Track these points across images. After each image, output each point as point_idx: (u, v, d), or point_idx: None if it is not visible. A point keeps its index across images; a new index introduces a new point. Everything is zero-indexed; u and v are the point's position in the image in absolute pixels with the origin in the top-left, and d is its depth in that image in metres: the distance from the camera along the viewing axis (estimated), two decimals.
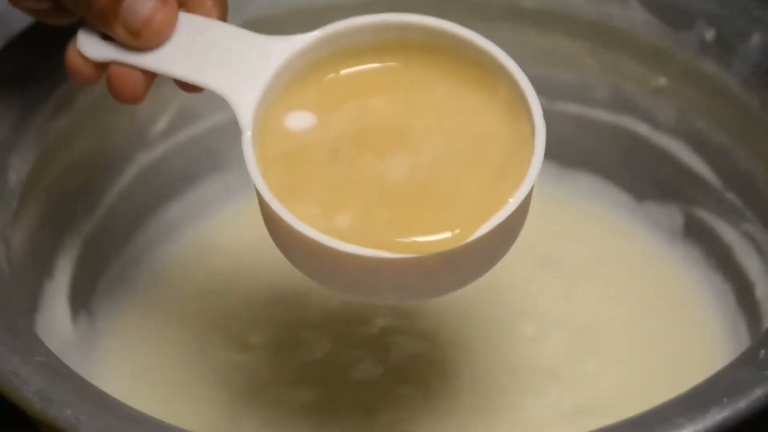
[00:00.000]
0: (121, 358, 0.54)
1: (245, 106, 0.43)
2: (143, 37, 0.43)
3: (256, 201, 0.42)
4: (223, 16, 0.45)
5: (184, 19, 0.44)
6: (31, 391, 0.42)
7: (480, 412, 0.51)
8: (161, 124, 0.59)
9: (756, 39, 0.54)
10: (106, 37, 0.45)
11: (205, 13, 0.45)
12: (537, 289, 0.56)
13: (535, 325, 0.55)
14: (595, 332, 0.54)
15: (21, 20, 0.60)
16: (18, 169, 0.51)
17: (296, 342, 0.55)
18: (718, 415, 0.40)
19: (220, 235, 0.59)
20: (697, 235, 0.57)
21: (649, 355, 0.53)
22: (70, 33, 0.55)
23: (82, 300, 0.55)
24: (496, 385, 0.52)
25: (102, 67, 0.45)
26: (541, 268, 0.57)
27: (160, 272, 0.58)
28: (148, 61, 0.44)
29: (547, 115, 0.61)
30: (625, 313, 0.55)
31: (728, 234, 0.56)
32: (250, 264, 0.58)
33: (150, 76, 0.45)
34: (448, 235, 0.40)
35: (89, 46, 0.45)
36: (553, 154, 0.61)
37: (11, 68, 0.53)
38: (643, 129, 0.59)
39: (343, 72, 0.44)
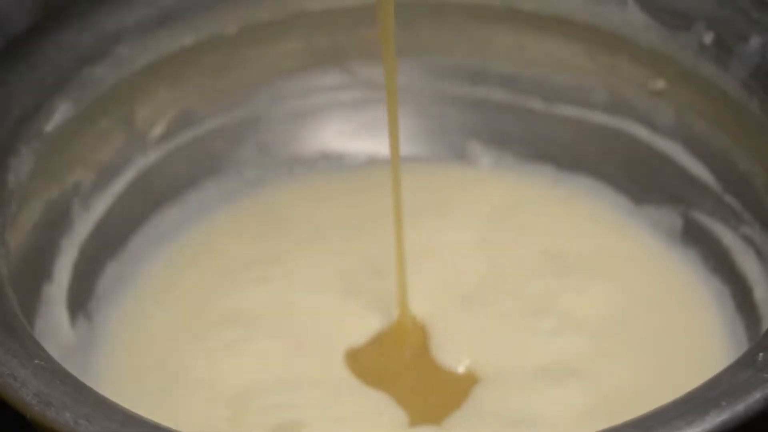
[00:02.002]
0: (120, 361, 0.54)
1: None
2: None
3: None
4: None
5: None
6: (30, 394, 0.42)
7: (480, 412, 0.51)
8: (159, 128, 0.59)
9: (755, 41, 0.54)
10: None
11: None
12: (532, 287, 0.56)
13: (531, 325, 0.55)
14: (592, 334, 0.54)
15: (21, 21, 0.60)
16: (16, 172, 0.51)
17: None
18: (717, 418, 0.40)
19: (219, 238, 0.59)
20: (695, 238, 0.57)
21: (647, 357, 0.53)
22: (69, 34, 0.56)
23: (80, 303, 0.55)
24: (497, 383, 0.52)
25: None
26: (537, 268, 0.57)
27: (158, 275, 0.58)
28: None
29: (545, 119, 0.61)
30: (623, 316, 0.55)
31: (727, 237, 0.56)
32: (248, 267, 0.58)
33: None
34: None
35: None
36: (551, 157, 0.61)
37: (11, 70, 0.54)
38: (641, 132, 0.59)
39: None
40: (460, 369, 0.53)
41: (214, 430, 0.51)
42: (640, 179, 0.59)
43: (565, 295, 0.56)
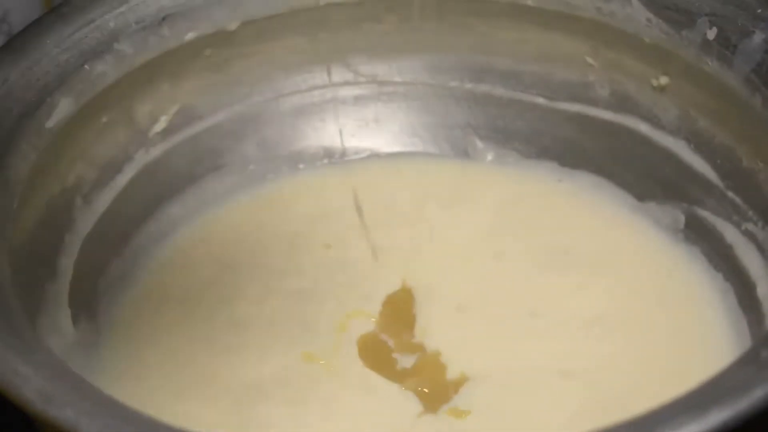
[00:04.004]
0: (122, 358, 0.54)
1: None
2: None
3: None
4: None
5: None
6: (32, 390, 0.42)
7: (482, 411, 0.51)
8: (161, 124, 0.59)
9: (758, 37, 0.53)
10: None
11: None
12: (534, 283, 0.56)
13: (532, 323, 0.55)
14: (593, 332, 0.54)
15: (21, 20, 0.60)
16: (17, 169, 0.51)
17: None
18: (720, 415, 0.40)
19: (220, 234, 0.59)
20: (698, 234, 0.57)
21: (650, 354, 0.53)
22: (70, 30, 0.56)
23: (82, 300, 0.55)
24: (499, 382, 0.52)
25: None
26: (540, 264, 0.57)
27: (160, 272, 0.58)
28: None
29: (548, 115, 0.61)
30: (626, 313, 0.55)
31: (730, 233, 0.56)
32: (249, 263, 0.58)
33: None
34: None
35: None
36: (553, 153, 0.61)
37: (12, 65, 0.53)
38: (644, 128, 0.59)
39: None
40: (459, 367, 0.53)
41: (217, 428, 0.51)
42: (642, 175, 0.59)
43: (567, 292, 0.56)
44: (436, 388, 0.52)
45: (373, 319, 0.55)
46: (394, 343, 0.54)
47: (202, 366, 0.53)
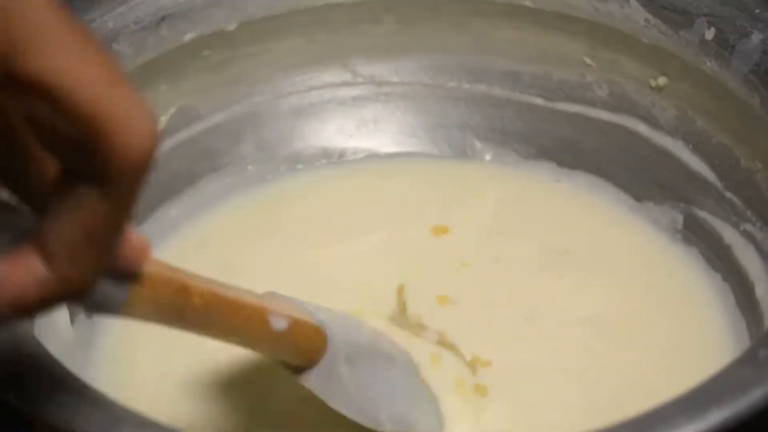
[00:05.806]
0: (120, 358, 0.54)
1: None
2: None
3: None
4: None
5: None
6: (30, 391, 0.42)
7: (483, 411, 0.51)
8: (159, 124, 0.59)
9: (756, 38, 0.54)
10: None
11: None
12: (533, 283, 0.56)
13: (531, 322, 0.55)
14: (592, 333, 0.54)
15: None
16: None
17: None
18: (718, 415, 0.40)
19: (219, 234, 0.59)
20: (697, 234, 0.57)
21: (649, 355, 0.53)
22: None
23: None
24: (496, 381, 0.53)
25: None
26: (539, 264, 0.57)
27: None
28: None
29: (547, 115, 0.61)
30: (624, 313, 0.55)
31: (728, 234, 0.56)
32: (248, 263, 0.58)
33: None
34: None
35: None
36: (552, 153, 0.61)
37: None
38: (642, 128, 0.59)
39: None
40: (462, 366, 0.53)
41: (217, 428, 0.51)
42: (641, 176, 0.59)
43: (565, 292, 0.56)
44: None
45: (378, 320, 0.55)
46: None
47: (200, 366, 0.53)
